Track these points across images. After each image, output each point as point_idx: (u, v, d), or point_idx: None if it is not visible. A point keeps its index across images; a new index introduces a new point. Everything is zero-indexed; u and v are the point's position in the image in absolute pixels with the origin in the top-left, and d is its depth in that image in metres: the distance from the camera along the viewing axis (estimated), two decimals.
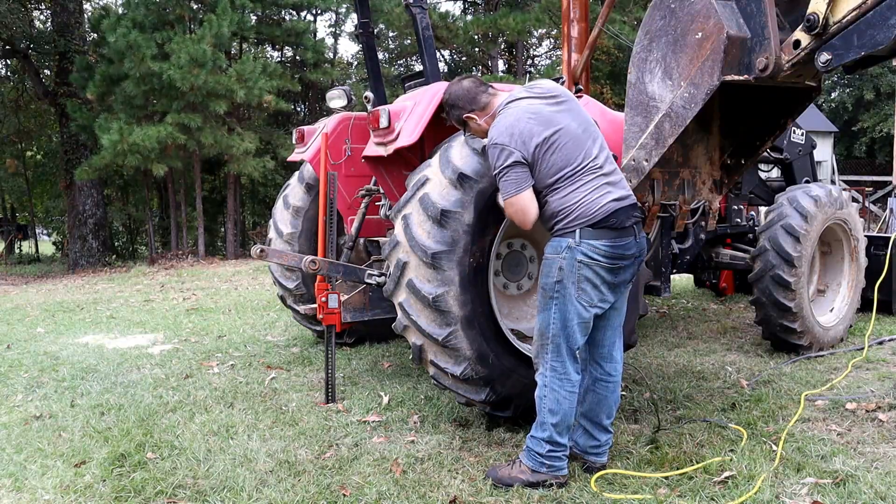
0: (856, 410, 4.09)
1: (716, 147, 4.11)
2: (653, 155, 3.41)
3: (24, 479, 3.34)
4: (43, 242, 28.88)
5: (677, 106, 3.30)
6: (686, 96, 3.25)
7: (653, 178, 3.76)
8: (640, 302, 4.24)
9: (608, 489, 3.14)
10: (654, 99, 3.37)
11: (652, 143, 3.41)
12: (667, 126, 3.34)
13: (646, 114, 3.40)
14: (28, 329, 7.57)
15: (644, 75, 3.41)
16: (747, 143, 4.05)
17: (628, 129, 3.48)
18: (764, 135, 3.96)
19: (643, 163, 3.45)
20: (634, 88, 3.45)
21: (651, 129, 3.39)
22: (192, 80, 13.85)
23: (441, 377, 3.68)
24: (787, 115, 3.84)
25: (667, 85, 3.33)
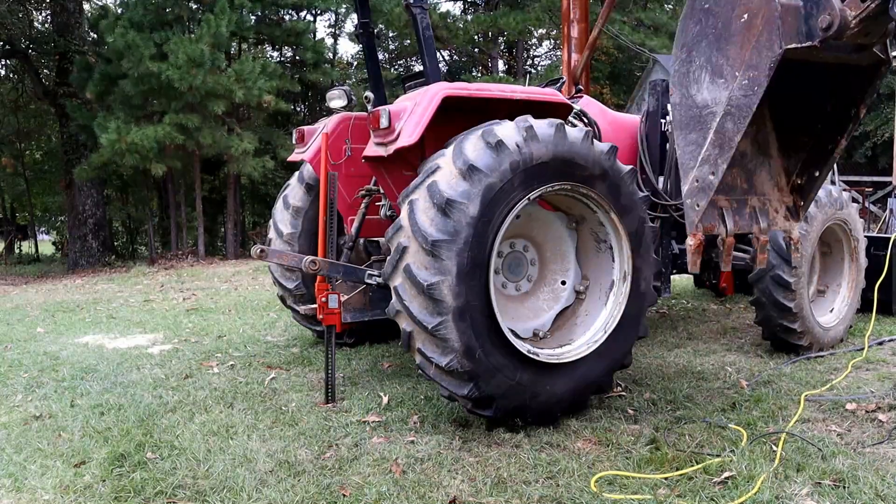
0: (856, 410, 4.09)
1: (780, 171, 3.73)
2: (719, 164, 3.08)
3: (23, 479, 3.34)
4: (42, 242, 28.87)
5: (737, 98, 3.00)
6: (745, 83, 2.98)
7: (720, 207, 3.42)
8: (642, 324, 4.24)
9: (608, 489, 3.13)
10: (708, 106, 3.11)
11: (715, 151, 3.08)
12: (729, 126, 3.04)
13: (700, 126, 3.11)
14: (28, 329, 7.56)
15: (689, 89, 3.16)
16: (818, 151, 3.61)
17: (682, 152, 3.17)
18: (835, 135, 3.54)
19: (709, 178, 3.09)
20: (681, 107, 3.17)
21: (711, 138, 3.07)
22: (191, 81, 13.85)
23: (426, 366, 3.69)
24: (857, 102, 3.41)
25: (718, 85, 3.08)
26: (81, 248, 17.27)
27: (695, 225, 3.15)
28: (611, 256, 4.16)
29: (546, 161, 3.72)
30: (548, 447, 3.63)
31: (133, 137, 13.72)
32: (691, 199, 3.13)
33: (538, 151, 3.69)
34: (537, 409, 3.82)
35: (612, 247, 4.15)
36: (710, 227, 3.31)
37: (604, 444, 3.66)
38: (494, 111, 4.26)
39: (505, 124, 3.74)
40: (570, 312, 4.31)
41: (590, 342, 4.02)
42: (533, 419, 3.85)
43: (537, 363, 3.77)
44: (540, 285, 4.35)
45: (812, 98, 3.53)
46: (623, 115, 6.00)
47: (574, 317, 4.27)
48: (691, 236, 3.18)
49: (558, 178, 3.79)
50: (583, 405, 4.10)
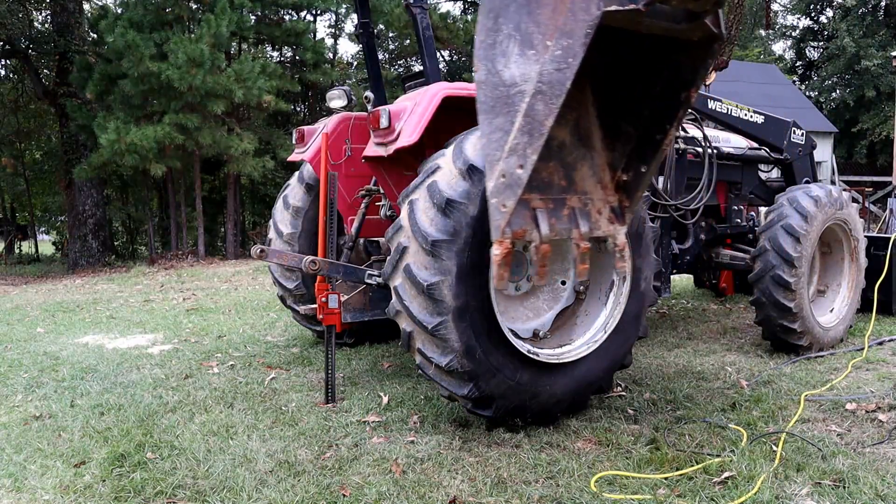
0: (856, 410, 4.09)
1: (604, 165, 3.24)
2: (528, 155, 2.54)
3: (23, 479, 3.34)
4: (42, 243, 28.86)
5: (548, 72, 2.50)
6: (558, 54, 2.48)
7: (533, 208, 2.88)
8: (641, 324, 4.24)
9: (608, 489, 3.14)
10: (516, 83, 2.55)
11: (524, 140, 2.53)
12: (540, 107, 2.51)
13: (508, 108, 2.56)
14: (28, 329, 7.56)
15: (496, 63, 2.58)
16: (645, 143, 3.14)
17: (487, 141, 2.57)
18: (664, 123, 3.08)
19: (517, 172, 2.53)
20: (486, 86, 2.58)
21: (519, 122, 2.51)
22: (190, 81, 13.84)
23: (426, 366, 3.69)
24: (687, 85, 2.99)
25: (528, 57, 2.53)
26: (81, 248, 17.27)
27: (500, 230, 2.57)
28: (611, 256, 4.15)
29: None
30: (548, 447, 3.63)
31: (133, 137, 13.71)
32: (496, 199, 2.56)
33: None
34: (537, 409, 3.83)
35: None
36: (521, 233, 2.79)
37: (604, 444, 3.66)
38: None
39: None
40: (570, 312, 4.31)
41: (590, 342, 4.02)
42: (533, 419, 3.85)
43: (537, 363, 3.77)
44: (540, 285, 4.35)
45: (638, 80, 3.11)
46: None
47: (574, 317, 4.27)
48: (496, 244, 2.60)
49: None
50: (583, 405, 4.10)
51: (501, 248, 2.61)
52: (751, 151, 6.37)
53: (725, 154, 6.04)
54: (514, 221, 2.69)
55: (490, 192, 2.56)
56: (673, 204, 5.42)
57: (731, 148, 6.18)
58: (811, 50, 35.52)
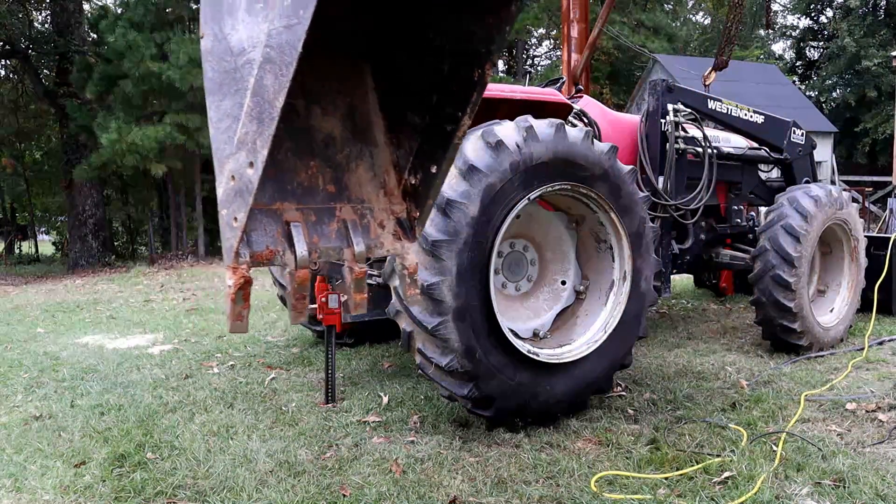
0: (856, 410, 4.09)
1: (388, 165, 2.58)
2: (259, 147, 1.88)
3: (24, 480, 3.34)
4: (42, 243, 28.87)
5: (278, 31, 1.88)
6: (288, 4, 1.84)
7: (286, 221, 2.17)
8: (641, 324, 4.24)
9: (608, 489, 3.14)
10: (244, 50, 1.95)
11: (254, 127, 1.90)
12: (269, 81, 1.88)
13: (237, 86, 1.96)
14: (28, 329, 7.56)
15: (223, 24, 1.99)
16: (434, 135, 2.49)
17: (216, 133, 1.96)
18: (456, 110, 2.41)
19: (247, 171, 1.90)
20: (212, 57, 2.00)
21: (248, 105, 1.91)
22: (191, 81, 13.86)
23: (426, 366, 3.69)
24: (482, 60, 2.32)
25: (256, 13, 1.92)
26: (81, 248, 17.27)
27: (234, 252, 1.91)
28: (611, 256, 4.16)
29: (546, 161, 3.72)
30: (548, 447, 3.63)
31: (133, 137, 13.72)
32: (227, 210, 1.89)
33: (538, 151, 3.69)
34: (537, 409, 3.83)
35: (612, 247, 4.15)
36: (267, 254, 2.05)
37: (604, 444, 3.66)
38: (494, 111, 4.25)
39: (505, 124, 3.74)
40: (570, 312, 4.31)
41: (590, 342, 4.02)
42: (533, 419, 3.85)
43: (537, 363, 3.77)
44: (540, 285, 4.35)
45: (424, 56, 2.47)
46: (623, 115, 6.00)
47: (574, 317, 4.27)
48: (229, 271, 1.93)
49: (558, 178, 3.79)
50: (583, 405, 4.10)
51: (235, 276, 1.94)
52: (751, 151, 6.37)
53: (725, 154, 6.04)
54: (255, 240, 2.04)
55: (220, 201, 1.90)
56: (673, 204, 5.42)
57: (731, 148, 6.18)
58: (811, 50, 35.53)
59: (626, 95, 28.37)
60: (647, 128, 5.53)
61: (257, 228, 2.08)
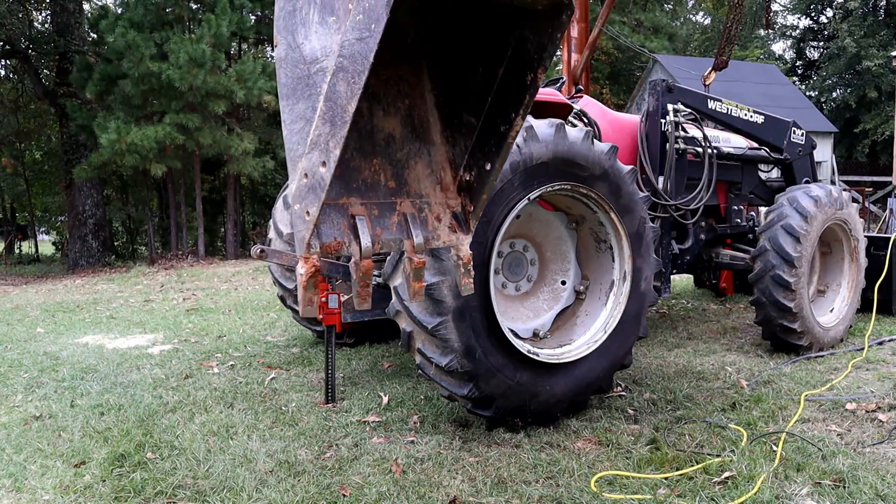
0: (856, 410, 4.09)
1: (444, 162, 2.74)
2: (331, 147, 2.06)
3: (23, 479, 3.34)
4: (42, 243, 28.88)
5: (349, 43, 2.01)
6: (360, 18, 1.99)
7: (351, 215, 2.35)
8: (641, 324, 4.24)
9: (608, 489, 3.14)
10: (318, 59, 2.10)
11: (326, 129, 2.06)
12: (342, 88, 2.02)
13: (310, 91, 2.12)
14: (28, 329, 7.56)
15: (296, 34, 2.15)
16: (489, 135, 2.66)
17: (289, 132, 2.16)
18: (510, 111, 2.57)
19: (320, 170, 2.07)
20: (286, 64, 2.16)
21: (321, 109, 2.06)
22: (191, 81, 13.85)
23: (426, 366, 3.68)
24: (534, 64, 2.49)
25: (329, 25, 2.07)
26: (81, 248, 17.28)
27: (305, 243, 2.12)
28: (611, 256, 4.16)
29: (546, 161, 3.72)
30: (548, 447, 3.63)
31: (133, 137, 13.72)
32: (299, 205, 2.11)
33: (538, 151, 3.69)
34: (537, 409, 3.83)
35: (612, 247, 4.15)
36: (335, 245, 2.27)
37: (604, 444, 3.66)
38: None
39: None
40: (570, 312, 4.31)
41: (590, 342, 4.02)
42: (533, 419, 3.85)
43: (537, 363, 3.77)
44: (540, 285, 4.36)
45: (479, 60, 2.61)
46: (623, 115, 6.00)
47: (574, 317, 4.28)
48: (301, 261, 2.14)
49: (558, 178, 3.79)
50: (583, 405, 4.10)
51: (307, 265, 2.12)
52: (751, 151, 6.37)
53: (725, 154, 6.04)
54: (324, 232, 2.20)
55: (292, 196, 2.12)
56: (673, 204, 5.42)
57: (731, 148, 6.18)
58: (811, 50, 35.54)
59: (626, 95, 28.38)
60: (647, 128, 5.53)
61: (326, 221, 2.23)
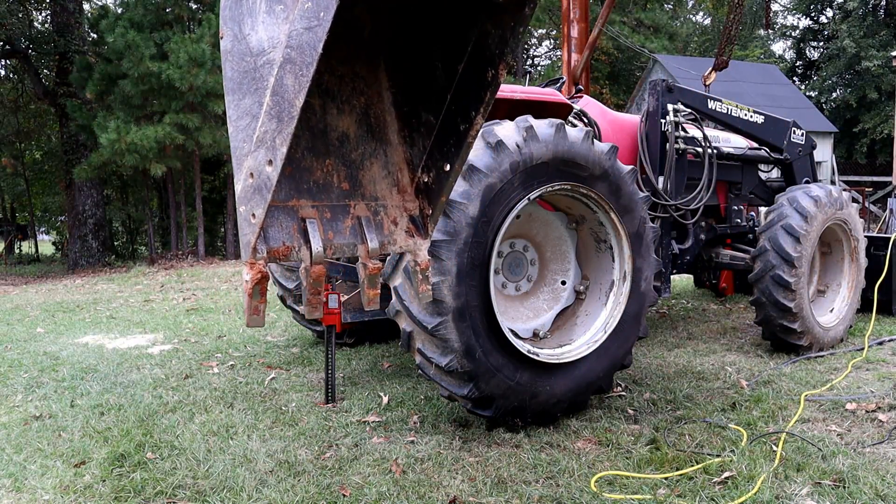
0: (856, 410, 4.09)
1: (402, 163, 2.64)
2: (278, 145, 1.96)
3: (23, 479, 3.34)
4: (42, 243, 28.88)
5: (298, 33, 1.93)
6: (308, 6, 1.91)
7: (301, 218, 2.24)
8: (641, 324, 4.24)
9: (608, 489, 3.13)
10: (264, 51, 2.01)
11: (273, 125, 1.97)
12: (289, 81, 1.95)
13: (256, 85, 2.02)
14: (28, 329, 7.56)
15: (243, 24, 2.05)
16: (448, 134, 2.55)
17: (235, 131, 2.02)
18: (469, 110, 2.46)
19: (266, 169, 1.97)
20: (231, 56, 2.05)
21: (267, 104, 1.97)
22: (191, 80, 13.86)
23: (426, 366, 3.69)
24: (496, 60, 2.38)
25: (277, 14, 1.98)
26: (81, 248, 17.28)
27: (251, 247, 1.98)
28: (611, 256, 4.16)
29: (546, 161, 3.72)
30: (548, 447, 3.63)
31: (133, 137, 13.73)
32: (244, 207, 1.99)
33: (538, 151, 3.69)
34: (537, 409, 3.83)
35: (612, 247, 4.15)
36: (283, 250, 2.14)
37: (604, 444, 3.66)
38: (494, 111, 4.25)
39: (505, 124, 3.74)
40: (570, 312, 4.31)
41: (590, 342, 4.02)
42: (533, 419, 3.85)
43: (537, 363, 3.77)
44: (540, 285, 4.36)
45: (438, 55, 2.51)
46: (623, 115, 6.00)
47: (574, 317, 4.28)
48: (247, 267, 1.99)
49: (558, 178, 3.79)
50: (583, 405, 4.10)
51: (252, 271, 1.99)
52: (751, 151, 6.37)
53: (725, 154, 6.04)
54: (272, 236, 2.10)
55: (238, 198, 2.00)
56: (673, 204, 5.42)
57: (731, 148, 6.18)
58: (811, 50, 35.54)
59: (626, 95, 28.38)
60: (647, 128, 5.53)
61: (274, 225, 2.12)
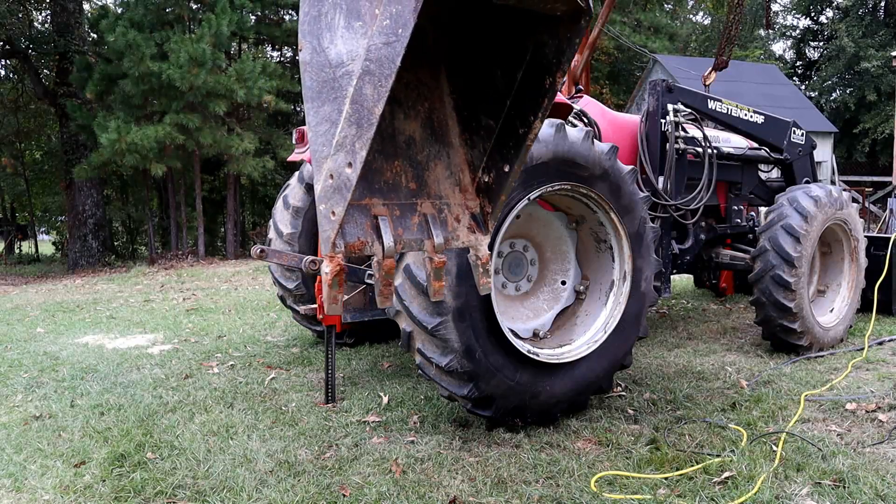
0: (856, 410, 4.09)
1: (463, 164, 2.84)
2: (357, 149, 2.13)
3: (23, 479, 3.34)
4: (42, 243, 28.88)
5: (377, 47, 2.09)
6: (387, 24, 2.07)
7: (374, 215, 2.43)
8: (641, 324, 4.24)
9: (608, 489, 3.14)
10: (343, 63, 2.17)
11: (353, 131, 2.13)
12: (368, 91, 2.11)
13: (335, 94, 2.19)
14: (28, 329, 7.56)
15: (322, 38, 2.21)
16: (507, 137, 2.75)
17: (314, 136, 2.19)
18: (528, 114, 2.66)
19: (346, 171, 2.13)
20: (311, 67, 2.21)
21: (347, 111, 2.13)
22: (192, 80, 13.85)
23: (426, 367, 3.69)
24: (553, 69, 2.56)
25: (355, 29, 2.15)
26: (81, 248, 17.28)
27: (330, 242, 2.16)
28: (611, 256, 4.16)
29: (546, 161, 3.72)
30: (548, 447, 3.63)
31: (133, 137, 13.73)
32: (325, 205, 2.16)
33: (538, 151, 3.69)
34: (537, 409, 3.83)
35: (612, 247, 4.15)
36: (358, 245, 2.33)
37: (604, 444, 3.66)
38: None
39: None
40: (570, 312, 4.31)
41: (590, 342, 4.02)
42: (533, 419, 3.85)
43: (537, 363, 3.77)
44: (540, 285, 4.36)
45: (498, 64, 2.70)
46: (623, 115, 6.00)
47: (574, 317, 4.28)
48: (327, 260, 2.19)
49: (558, 178, 3.79)
50: (583, 405, 4.10)
51: (332, 264, 2.18)
52: (751, 151, 6.37)
53: (725, 154, 6.05)
54: (348, 232, 2.29)
55: (317, 196, 2.17)
56: (673, 204, 5.42)
57: (731, 148, 6.18)
58: (811, 50, 35.53)
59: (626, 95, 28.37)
60: (647, 128, 5.53)
61: (350, 221, 2.29)
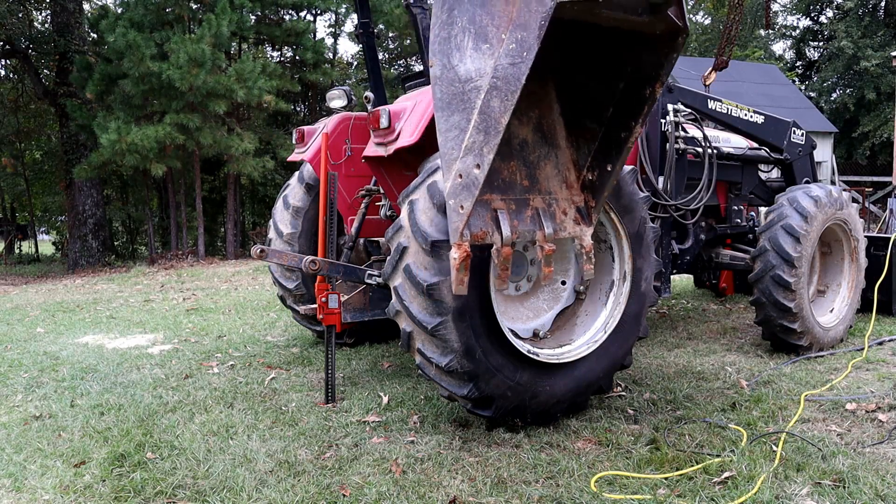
0: (856, 410, 4.09)
1: (569, 164, 3.19)
2: (484, 154, 2.51)
3: (23, 479, 3.34)
4: (42, 243, 28.88)
5: (503, 67, 2.46)
6: (513, 47, 2.44)
7: (494, 209, 2.83)
8: (642, 324, 4.24)
9: (608, 489, 3.13)
10: (472, 79, 2.53)
11: (480, 138, 2.51)
12: (495, 104, 2.48)
13: (464, 106, 2.54)
14: (28, 329, 7.56)
15: (451, 57, 2.56)
16: (610, 140, 3.11)
17: (444, 139, 2.57)
18: (629, 120, 3.02)
19: (474, 172, 2.51)
20: (442, 82, 2.57)
21: (475, 120, 2.49)
22: (192, 80, 13.85)
23: (426, 367, 3.69)
24: (653, 80, 2.91)
25: (483, 51, 2.51)
26: (81, 248, 17.28)
27: (458, 232, 2.57)
28: (611, 256, 4.16)
29: None
30: (548, 447, 3.63)
31: (133, 137, 13.73)
32: (454, 200, 2.54)
33: None
34: (537, 409, 3.83)
35: (612, 247, 4.14)
36: (481, 235, 2.76)
37: (604, 444, 3.66)
38: None
39: None
40: (570, 312, 4.31)
41: (590, 342, 4.02)
42: (533, 419, 3.85)
43: (537, 363, 3.77)
44: (540, 285, 4.35)
45: (602, 76, 3.04)
46: None
47: (574, 317, 4.27)
48: (455, 247, 2.61)
49: None
50: (583, 405, 4.10)
51: (460, 251, 2.60)
52: (751, 151, 6.37)
53: (725, 154, 6.05)
54: (473, 223, 2.68)
55: (447, 193, 2.54)
56: (673, 204, 5.42)
57: (731, 148, 6.18)
58: (811, 50, 35.52)
59: None
60: (647, 128, 5.53)
61: (474, 215, 2.64)
